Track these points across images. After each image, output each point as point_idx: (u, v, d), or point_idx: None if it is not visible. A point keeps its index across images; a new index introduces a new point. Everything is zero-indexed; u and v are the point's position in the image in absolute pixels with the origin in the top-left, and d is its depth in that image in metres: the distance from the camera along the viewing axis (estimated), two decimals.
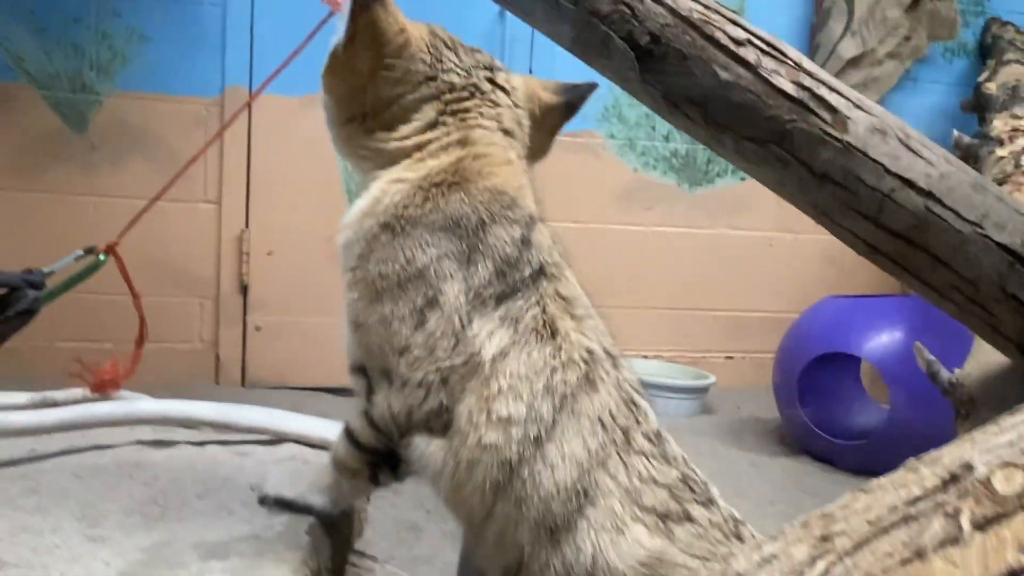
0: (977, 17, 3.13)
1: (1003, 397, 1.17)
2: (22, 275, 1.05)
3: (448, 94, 0.90)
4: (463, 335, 0.79)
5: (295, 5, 2.53)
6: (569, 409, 0.77)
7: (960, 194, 0.99)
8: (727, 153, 1.07)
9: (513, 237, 0.83)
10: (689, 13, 1.00)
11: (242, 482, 0.86)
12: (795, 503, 1.94)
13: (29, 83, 2.48)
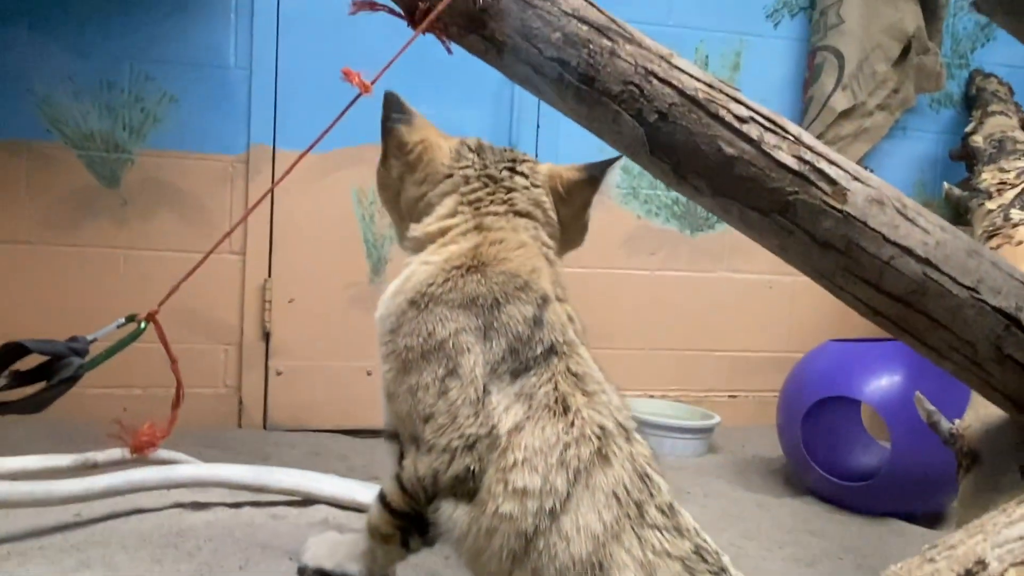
0: (961, 69, 3.18)
1: (1003, 450, 1.17)
2: (67, 343, 1.07)
3: (464, 186, 0.98)
4: (482, 405, 0.81)
5: (316, 70, 2.59)
6: (583, 483, 0.78)
7: (956, 260, 1.01)
8: (733, 221, 1.10)
9: (525, 316, 0.86)
10: (695, 92, 1.03)
11: (280, 549, 0.86)
12: (803, 545, 1.92)
13: (65, 143, 2.52)
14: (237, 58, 2.60)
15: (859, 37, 2.85)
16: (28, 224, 2.51)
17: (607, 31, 1.05)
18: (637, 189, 2.96)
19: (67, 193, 2.53)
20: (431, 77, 2.67)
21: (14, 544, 0.83)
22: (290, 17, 2.60)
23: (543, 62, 1.05)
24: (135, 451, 1.09)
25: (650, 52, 1.05)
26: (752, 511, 2.13)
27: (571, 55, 1.04)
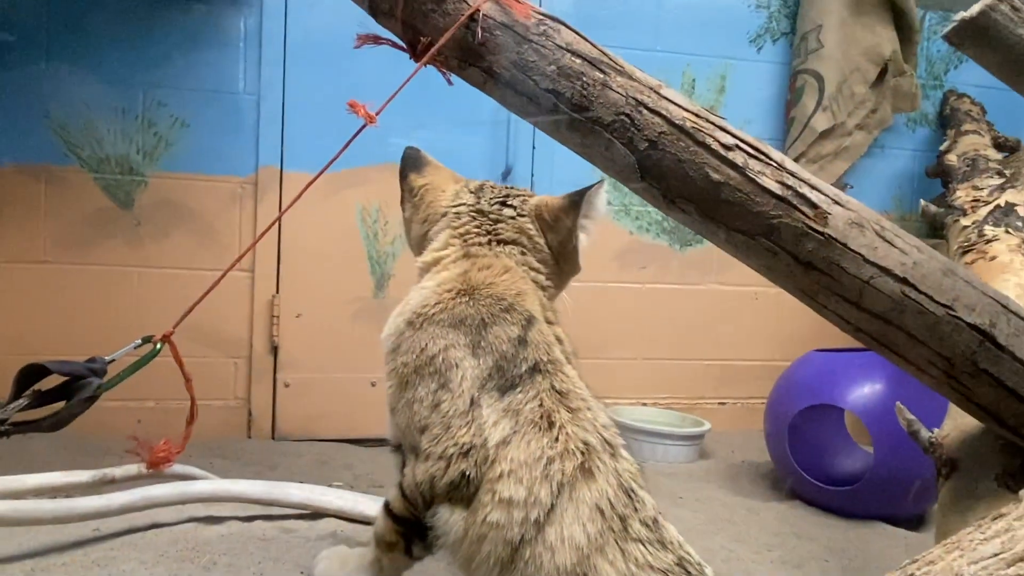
0: (936, 90, 3.21)
1: (980, 458, 1.18)
2: (86, 364, 1.08)
3: (455, 221, 1.03)
4: (472, 416, 0.83)
5: (321, 95, 2.61)
6: (567, 496, 0.78)
7: (932, 280, 1.02)
8: (720, 243, 1.11)
9: (510, 336, 0.88)
10: (683, 122, 1.05)
11: (292, 563, 0.86)
12: (790, 548, 1.92)
13: (82, 166, 2.53)
14: (246, 84, 2.61)
15: (838, 60, 2.87)
16: (46, 244, 2.51)
17: (599, 64, 1.07)
18: (628, 206, 2.98)
19: (83, 214, 2.54)
20: (432, 105, 2.68)
21: (37, 560, 0.83)
22: (296, 46, 2.62)
23: (539, 93, 1.06)
24: (151, 466, 1.09)
25: (640, 84, 1.06)
26: (742, 515, 2.13)
27: (565, 87, 1.05)
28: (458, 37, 1.07)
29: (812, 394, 2.22)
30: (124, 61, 2.53)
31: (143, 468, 1.09)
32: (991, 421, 1.09)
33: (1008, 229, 1.75)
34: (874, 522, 2.11)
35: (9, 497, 0.92)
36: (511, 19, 1.07)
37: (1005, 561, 0.45)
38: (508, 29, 1.07)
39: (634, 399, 2.97)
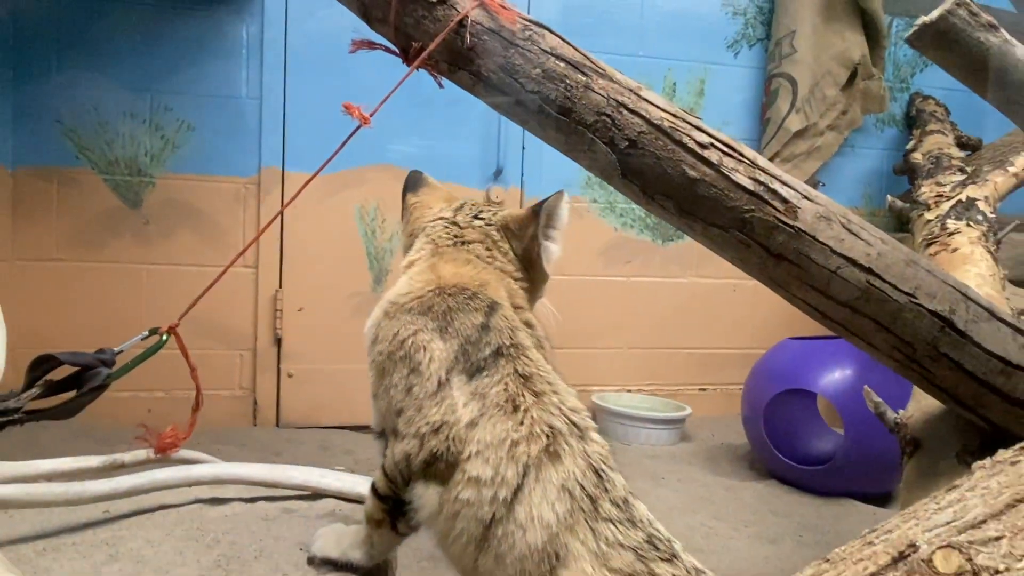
0: (903, 92, 3.22)
1: (942, 437, 1.19)
2: (95, 355, 1.07)
3: (431, 230, 1.05)
4: (442, 396, 0.83)
5: (320, 99, 2.60)
6: (534, 476, 0.78)
7: (896, 269, 1.03)
8: (696, 236, 1.11)
9: (474, 323, 0.89)
10: (660, 122, 1.05)
11: (292, 540, 0.87)
12: (767, 524, 1.94)
13: (92, 168, 2.52)
14: (248, 89, 2.60)
15: (810, 65, 2.88)
16: (59, 243, 2.50)
17: (582, 67, 1.06)
18: (613, 204, 2.98)
19: (94, 214, 2.52)
20: (426, 110, 2.68)
21: (49, 540, 0.83)
22: (296, 52, 2.60)
23: (525, 95, 1.06)
24: (159, 452, 1.08)
25: (621, 86, 1.06)
26: (721, 494, 2.15)
27: (550, 89, 1.05)
28: (448, 42, 1.07)
29: (786, 380, 2.23)
30: (132, 68, 2.52)
31: (151, 453, 1.09)
32: (951, 402, 1.10)
33: (969, 223, 1.76)
34: (845, 499, 2.13)
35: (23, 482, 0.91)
36: (498, 25, 1.07)
37: (956, 528, 0.46)
38: (495, 34, 1.06)
39: (619, 386, 2.98)
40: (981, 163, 2.42)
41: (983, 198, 1.88)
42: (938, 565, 0.43)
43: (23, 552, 0.79)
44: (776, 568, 1.69)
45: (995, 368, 1.04)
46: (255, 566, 0.81)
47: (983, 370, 1.04)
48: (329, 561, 0.84)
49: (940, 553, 0.44)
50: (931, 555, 0.44)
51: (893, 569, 0.45)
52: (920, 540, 0.46)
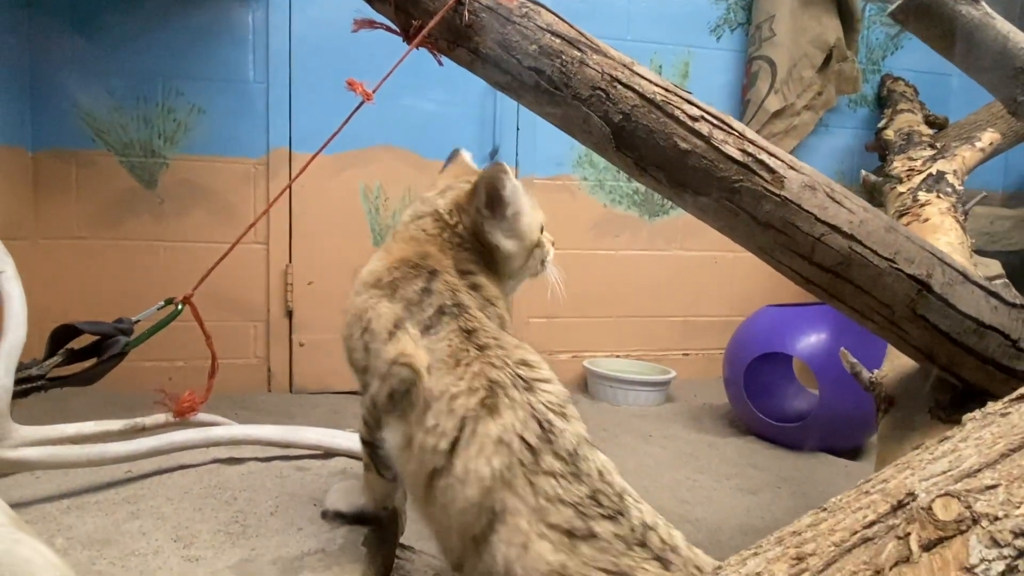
0: (875, 74, 3.17)
1: (916, 395, 1.18)
2: (114, 324, 1.04)
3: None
4: (395, 339, 0.80)
5: (325, 81, 2.53)
6: (470, 430, 0.73)
7: (877, 236, 1.00)
8: (687, 206, 1.08)
9: (415, 289, 0.85)
10: (653, 96, 1.01)
11: (306, 496, 0.85)
12: (747, 477, 1.94)
13: (108, 150, 2.46)
14: (255, 73, 2.53)
15: (789, 48, 2.83)
16: (79, 222, 2.45)
17: (577, 43, 1.02)
18: (603, 182, 2.94)
19: (112, 194, 2.47)
20: (426, 92, 2.63)
21: (73, 499, 0.81)
22: (300, 36, 2.53)
23: (522, 71, 1.02)
24: (177, 415, 1.06)
25: (615, 61, 1.02)
26: (704, 450, 2.15)
27: (546, 64, 1.01)
28: (447, 20, 1.02)
29: (765, 344, 2.23)
30: (144, 53, 2.45)
31: (171, 417, 1.06)
32: (926, 361, 1.08)
33: (939, 194, 1.74)
34: (819, 453, 2.14)
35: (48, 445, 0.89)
36: (495, 2, 1.02)
37: (953, 477, 0.44)
38: (493, 12, 1.02)
39: (609, 352, 2.97)
40: (948, 140, 2.39)
41: (952, 171, 1.85)
42: (938, 512, 0.41)
43: (47, 510, 0.76)
44: (756, 517, 1.70)
45: (969, 328, 1.02)
46: (271, 521, 0.79)
47: (958, 330, 1.02)
48: (340, 514, 0.82)
49: (940, 501, 0.42)
50: (931, 503, 0.42)
51: (893, 516, 0.43)
52: (918, 489, 0.44)
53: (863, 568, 0.41)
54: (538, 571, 0.66)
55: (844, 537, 0.43)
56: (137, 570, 0.66)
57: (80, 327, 1.01)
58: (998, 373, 1.04)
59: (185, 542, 0.72)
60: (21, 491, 0.82)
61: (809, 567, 0.42)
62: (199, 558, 0.69)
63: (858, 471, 2.02)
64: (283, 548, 0.73)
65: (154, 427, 1.02)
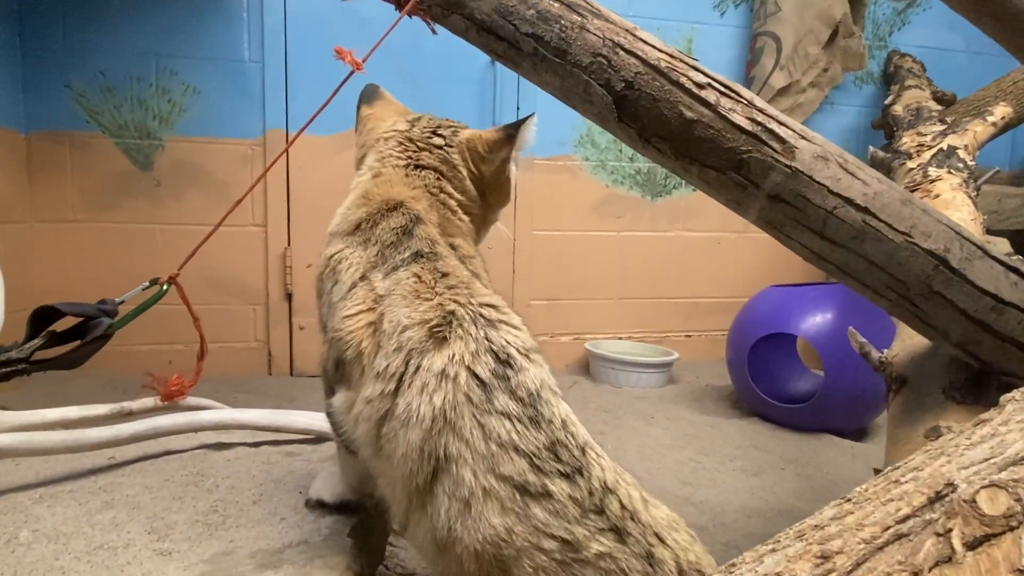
0: (881, 51, 3.08)
1: (928, 374, 1.13)
2: (97, 305, 0.99)
3: (383, 145, 0.93)
4: (350, 295, 0.74)
5: (321, 61, 2.46)
6: (415, 365, 0.64)
7: (892, 209, 0.94)
8: (692, 179, 1.02)
9: (394, 227, 0.79)
10: (657, 62, 0.95)
11: (292, 484, 0.80)
12: (750, 459, 1.90)
13: (103, 132, 2.40)
14: (250, 52, 2.46)
15: (794, 23, 2.74)
16: (74, 205, 2.40)
17: (577, 7, 0.96)
18: (605, 162, 2.87)
19: (107, 176, 2.41)
20: (424, 66, 2.55)
21: (48, 488, 0.77)
22: (296, 14, 2.46)
23: (519, 38, 0.96)
24: (165, 399, 1.02)
25: (616, 26, 0.96)
26: (707, 431, 2.11)
27: (544, 30, 0.95)
28: None
29: (769, 324, 2.17)
30: (136, 32, 2.37)
31: (159, 401, 1.02)
32: (941, 339, 1.03)
33: (950, 170, 1.67)
34: (823, 434, 2.09)
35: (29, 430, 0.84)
36: None
37: (996, 466, 0.39)
38: None
39: (611, 334, 2.93)
40: (958, 115, 2.31)
41: (963, 146, 1.79)
42: (983, 506, 0.36)
43: (19, 500, 0.72)
44: (760, 499, 1.66)
45: (987, 305, 0.96)
46: (253, 510, 0.75)
47: (975, 307, 0.96)
48: (323, 504, 0.77)
49: (985, 493, 0.37)
50: (974, 495, 0.37)
51: (930, 510, 0.38)
52: (957, 479, 0.39)
53: (898, 569, 0.36)
54: (481, 535, 0.58)
55: (875, 533, 0.38)
56: (103, 565, 0.61)
57: (61, 309, 0.96)
58: (1017, 352, 0.99)
59: (159, 534, 0.68)
60: None
61: (836, 567, 0.37)
62: (172, 552, 0.64)
63: (863, 452, 1.98)
64: (263, 540, 0.68)
65: (141, 411, 0.98)
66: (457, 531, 0.59)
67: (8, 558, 0.59)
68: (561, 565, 0.58)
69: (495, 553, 0.58)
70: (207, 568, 0.62)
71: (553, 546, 0.58)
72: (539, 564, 0.58)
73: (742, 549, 1.43)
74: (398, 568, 0.91)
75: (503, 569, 0.58)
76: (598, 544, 0.59)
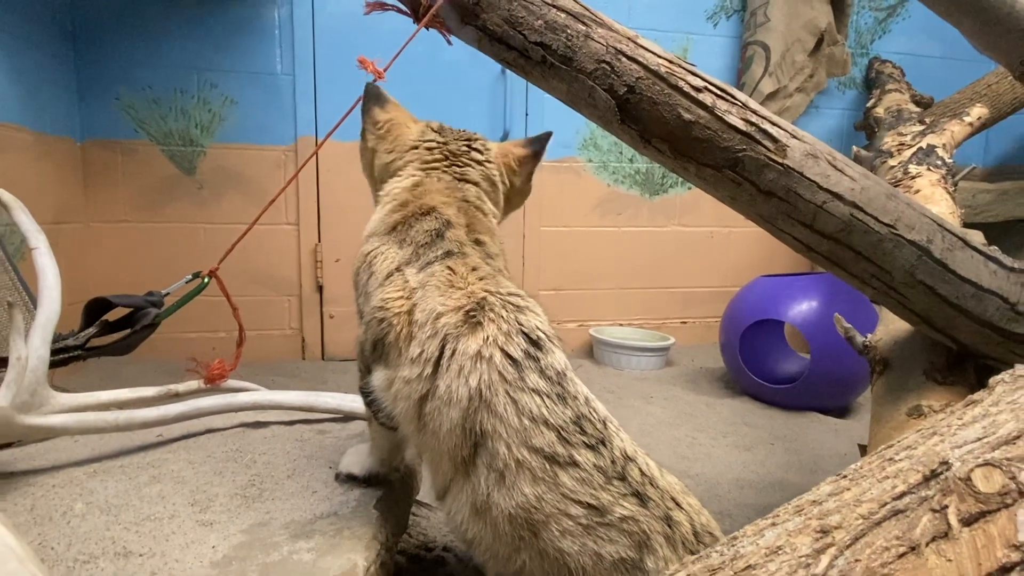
0: (863, 57, 3.02)
1: (909, 357, 1.10)
2: (145, 297, 0.99)
3: (427, 155, 0.89)
4: (388, 283, 0.73)
5: (347, 72, 2.44)
6: (451, 349, 0.64)
7: (878, 203, 0.92)
8: (690, 177, 1.00)
9: (428, 229, 0.78)
10: (657, 67, 0.92)
11: (323, 459, 0.79)
12: (742, 435, 1.88)
13: (150, 140, 2.40)
14: (282, 66, 2.45)
15: (782, 33, 2.68)
16: (125, 206, 2.41)
17: (582, 17, 0.94)
18: (606, 163, 2.84)
19: (154, 180, 2.42)
20: (440, 75, 2.53)
21: (101, 463, 0.76)
22: (323, 29, 2.44)
23: (529, 47, 0.94)
24: (208, 382, 1.01)
25: (619, 34, 0.94)
26: (702, 410, 2.09)
27: (552, 39, 0.93)
28: None
29: (759, 311, 2.14)
30: (180, 49, 2.37)
31: (202, 384, 1.02)
32: (924, 325, 1.00)
33: (930, 167, 1.63)
34: (809, 412, 2.07)
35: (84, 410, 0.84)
36: None
37: (990, 445, 0.37)
38: None
39: (613, 321, 2.91)
40: (937, 117, 2.25)
41: (941, 145, 1.74)
42: (978, 484, 0.34)
43: (75, 474, 0.72)
44: (751, 471, 1.64)
45: (967, 292, 0.93)
46: (287, 484, 0.74)
47: (956, 295, 0.93)
48: (352, 477, 0.77)
49: (980, 471, 0.35)
50: (969, 473, 0.35)
51: (925, 488, 0.36)
52: (951, 457, 0.37)
53: (896, 544, 0.34)
54: (515, 502, 0.58)
55: (872, 509, 0.36)
56: (150, 535, 0.61)
57: (113, 300, 0.96)
58: (994, 335, 0.96)
59: (201, 506, 0.67)
60: (57, 455, 0.78)
61: (836, 541, 0.35)
62: (213, 522, 0.64)
63: (846, 429, 1.95)
64: (296, 511, 0.67)
65: (187, 393, 0.98)
66: (494, 498, 0.59)
67: (64, 528, 0.59)
68: (586, 529, 0.58)
69: (526, 518, 0.58)
70: (245, 538, 0.61)
71: (580, 511, 0.58)
72: (566, 528, 0.58)
73: (735, 518, 1.41)
74: (420, 536, 0.90)
75: (533, 532, 0.59)
76: (622, 508, 0.59)
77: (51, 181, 2.17)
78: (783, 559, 0.35)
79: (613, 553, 0.58)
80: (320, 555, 0.60)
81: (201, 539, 0.61)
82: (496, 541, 0.60)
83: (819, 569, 0.34)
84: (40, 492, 0.68)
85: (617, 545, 0.58)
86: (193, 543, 0.60)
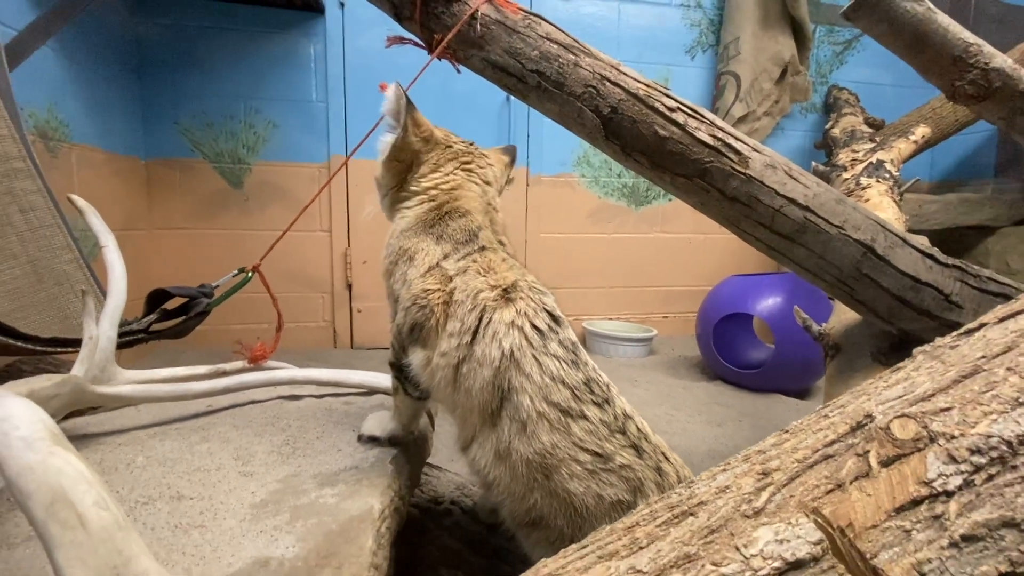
0: (823, 85, 3.01)
1: (858, 343, 1.11)
2: (198, 288, 1.01)
3: (463, 156, 0.90)
4: (428, 275, 0.73)
5: (373, 98, 2.46)
6: (488, 319, 0.67)
7: (828, 207, 0.92)
8: (666, 186, 1.01)
9: (464, 229, 0.78)
10: (636, 91, 0.93)
11: (347, 425, 0.81)
12: (714, 413, 1.88)
13: (204, 158, 2.43)
14: (317, 94, 2.47)
15: (751, 64, 2.68)
16: (182, 215, 2.44)
17: (572, 48, 0.95)
18: (598, 178, 2.85)
19: (207, 193, 2.45)
20: (452, 104, 2.55)
21: (159, 427, 0.78)
22: (352, 63, 2.47)
23: (526, 73, 0.95)
24: (251, 362, 1.03)
25: (604, 62, 0.95)
26: (679, 392, 2.09)
27: (546, 67, 0.94)
28: (462, 33, 0.95)
29: (730, 306, 2.14)
30: (229, 79, 2.40)
31: (246, 363, 1.03)
32: (869, 314, 1.00)
33: (878, 179, 1.63)
34: (773, 394, 2.06)
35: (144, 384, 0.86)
36: (503, 16, 0.95)
37: (908, 401, 0.38)
38: (500, 24, 0.95)
39: (602, 315, 2.91)
40: (886, 137, 2.25)
41: (889, 160, 1.74)
42: (896, 432, 0.35)
43: (138, 435, 0.74)
44: (722, 444, 1.64)
45: (907, 285, 0.94)
46: (316, 444, 0.76)
47: (897, 287, 0.94)
48: (374, 438, 0.78)
49: (897, 422, 0.36)
50: (888, 423, 0.36)
51: (852, 436, 0.37)
52: (875, 412, 0.38)
53: (824, 482, 0.35)
54: (533, 448, 0.61)
55: (806, 455, 0.37)
56: (200, 483, 0.63)
57: (170, 291, 0.98)
58: (931, 322, 0.96)
59: (243, 460, 0.69)
60: (123, 420, 0.80)
61: (774, 481, 0.36)
62: (253, 473, 0.66)
63: (806, 407, 1.95)
64: (323, 465, 0.69)
65: (233, 371, 0.99)
66: (515, 444, 0.62)
67: (127, 476, 0.60)
68: (591, 473, 0.61)
69: (541, 462, 0.61)
70: (279, 486, 0.63)
71: (587, 458, 0.61)
72: (574, 472, 0.61)
73: None
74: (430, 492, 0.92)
75: (546, 475, 0.61)
76: (622, 457, 0.61)
77: (120, 194, 2.20)
78: (729, 496, 0.36)
79: (612, 495, 0.60)
80: (342, 499, 0.62)
81: (243, 486, 0.63)
82: (513, 482, 0.62)
83: (759, 503, 0.34)
84: (108, 449, 0.70)
85: (616, 488, 0.60)
86: (236, 489, 0.62)
